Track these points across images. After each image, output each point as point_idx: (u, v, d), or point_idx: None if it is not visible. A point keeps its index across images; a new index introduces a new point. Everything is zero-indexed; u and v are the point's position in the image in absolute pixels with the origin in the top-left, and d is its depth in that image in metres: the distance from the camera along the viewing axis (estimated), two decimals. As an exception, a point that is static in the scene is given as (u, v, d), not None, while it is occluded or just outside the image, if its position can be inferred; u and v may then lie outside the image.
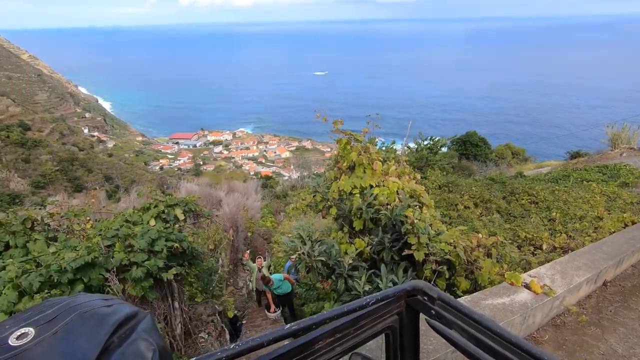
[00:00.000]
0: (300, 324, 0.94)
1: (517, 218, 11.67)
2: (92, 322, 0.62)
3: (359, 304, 1.07)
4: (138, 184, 46.40)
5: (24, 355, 0.56)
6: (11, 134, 55.91)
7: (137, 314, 0.66)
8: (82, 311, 0.64)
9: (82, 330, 0.61)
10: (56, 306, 0.65)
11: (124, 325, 0.63)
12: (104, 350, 0.59)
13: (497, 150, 31.40)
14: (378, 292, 1.14)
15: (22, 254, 4.19)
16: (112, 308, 0.66)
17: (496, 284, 4.81)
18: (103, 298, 0.70)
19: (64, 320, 0.62)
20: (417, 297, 1.23)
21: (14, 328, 0.61)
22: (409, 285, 1.22)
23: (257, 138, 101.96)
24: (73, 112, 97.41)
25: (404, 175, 6.03)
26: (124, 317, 0.64)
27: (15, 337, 0.59)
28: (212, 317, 5.68)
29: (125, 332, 0.62)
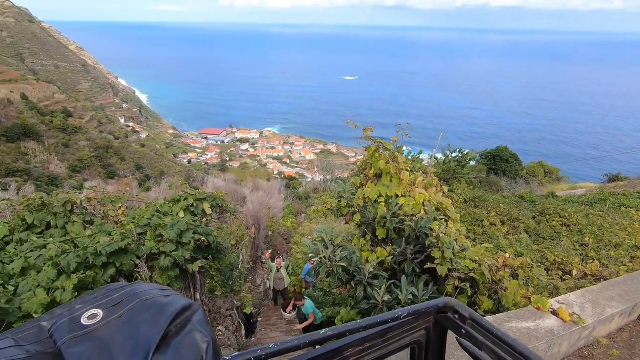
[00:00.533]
0: (334, 331, 0.97)
1: (546, 240, 11.21)
2: (153, 310, 0.67)
3: (391, 316, 1.08)
4: (167, 175, 48.02)
5: (94, 335, 0.62)
6: (55, 120, 59.29)
7: (192, 306, 0.71)
8: (144, 298, 0.69)
9: (144, 317, 0.66)
10: (121, 291, 0.71)
11: (181, 315, 0.68)
12: (163, 337, 0.64)
13: (528, 167, 30.28)
14: (410, 306, 1.14)
15: (61, 234, 4.45)
16: (170, 299, 0.71)
17: (521, 306, 4.65)
18: (160, 288, 0.75)
19: (128, 305, 0.68)
20: (448, 314, 1.23)
21: (85, 308, 0.67)
22: (440, 301, 1.22)
23: (283, 138, 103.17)
24: (112, 102, 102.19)
25: (431, 187, 5.94)
26: (180, 308, 0.69)
27: (87, 317, 0.65)
28: (231, 312, 5.80)
29: (181, 322, 0.67)
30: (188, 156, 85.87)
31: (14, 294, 3.28)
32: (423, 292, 4.60)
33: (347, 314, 5.91)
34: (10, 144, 48.72)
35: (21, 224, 4.30)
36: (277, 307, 9.40)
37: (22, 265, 3.57)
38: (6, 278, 3.47)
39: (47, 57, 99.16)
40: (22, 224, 4.31)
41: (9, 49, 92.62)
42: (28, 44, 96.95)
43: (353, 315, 5.85)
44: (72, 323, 0.63)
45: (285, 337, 7.06)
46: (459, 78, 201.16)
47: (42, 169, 48.62)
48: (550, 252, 9.51)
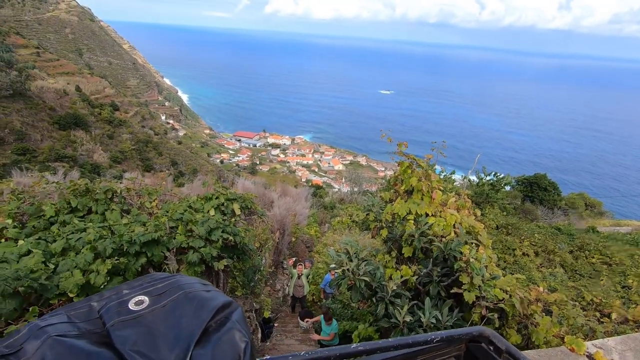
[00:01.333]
0: (366, 346, 0.95)
1: (583, 277, 10.51)
2: (195, 303, 0.69)
3: (424, 339, 1.05)
4: (200, 173, 49.61)
5: (140, 320, 0.64)
6: (103, 112, 63.15)
7: (232, 304, 0.72)
8: (187, 291, 0.71)
9: (186, 309, 0.67)
10: (166, 282, 0.74)
11: (221, 311, 0.69)
12: (204, 331, 0.65)
13: (568, 198, 28.68)
14: (443, 331, 1.10)
15: (100, 220, 4.69)
16: (211, 294, 0.73)
17: (552, 345, 4.36)
18: (202, 283, 0.77)
19: (171, 296, 0.70)
20: (482, 344, 1.17)
21: (133, 294, 0.69)
22: (475, 330, 1.16)
23: (313, 147, 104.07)
24: (156, 99, 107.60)
25: (463, 209, 5.75)
26: (221, 304, 0.70)
27: (134, 303, 0.67)
28: (249, 314, 5.84)
29: (221, 319, 0.68)
30: (221, 156, 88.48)
31: (53, 272, 3.48)
32: (447, 318, 4.42)
33: (365, 330, 5.79)
34: (61, 132, 52.28)
35: (66, 207, 4.57)
36: (294, 314, 9.37)
37: (63, 245, 3.79)
38: (48, 256, 3.69)
39: (102, 53, 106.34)
40: (66, 207, 4.58)
41: (70, 44, 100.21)
42: (87, 41, 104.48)
43: (371, 332, 5.72)
44: (120, 307, 0.66)
45: (300, 346, 7.00)
46: (497, 100, 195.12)
47: (87, 157, 51.72)
48: (588, 291, 8.89)
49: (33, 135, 48.28)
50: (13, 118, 47.32)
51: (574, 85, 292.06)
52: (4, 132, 45.42)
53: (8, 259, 3.56)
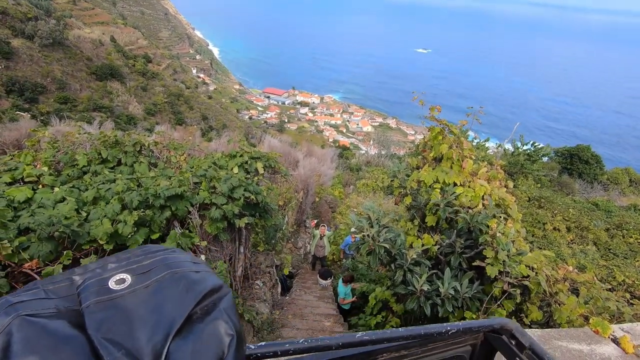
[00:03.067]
0: (372, 336, 0.88)
1: (617, 257, 10.04)
2: (181, 286, 0.62)
3: (437, 330, 0.96)
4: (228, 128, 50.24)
5: (118, 302, 0.58)
6: (137, 64, 64.03)
7: (221, 288, 0.65)
8: (174, 271, 0.64)
9: (171, 292, 0.61)
10: (153, 259, 0.67)
11: (209, 297, 0.62)
12: (187, 318, 0.58)
13: (610, 172, 26.78)
14: (461, 322, 1.01)
15: (129, 172, 4.83)
16: (200, 275, 0.66)
17: (575, 325, 4.23)
18: (193, 261, 0.70)
19: (157, 275, 0.63)
20: (502, 337, 1.08)
21: (115, 271, 0.63)
22: (496, 322, 1.07)
23: (342, 107, 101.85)
24: (187, 52, 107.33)
25: (494, 180, 5.46)
26: (209, 289, 0.63)
27: (115, 281, 0.61)
28: (270, 269, 6.04)
29: (208, 305, 0.61)
30: (249, 113, 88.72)
31: (85, 220, 3.66)
32: (466, 289, 4.36)
33: (382, 294, 5.87)
34: (98, 82, 53.83)
35: (97, 157, 4.73)
36: (314, 271, 9.67)
37: (94, 195, 3.94)
38: (81, 204, 3.87)
39: (135, 3, 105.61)
40: (97, 157, 4.73)
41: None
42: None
43: (387, 295, 5.79)
44: (99, 285, 0.60)
45: (317, 302, 7.27)
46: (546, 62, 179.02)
47: (123, 108, 53.40)
48: (620, 271, 8.52)
49: (73, 85, 50.07)
50: (54, 67, 49.00)
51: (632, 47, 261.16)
52: (47, 80, 47.33)
53: (45, 205, 3.76)
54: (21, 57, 46.38)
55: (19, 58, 46.07)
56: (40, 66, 47.58)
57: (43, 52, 48.95)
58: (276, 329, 5.27)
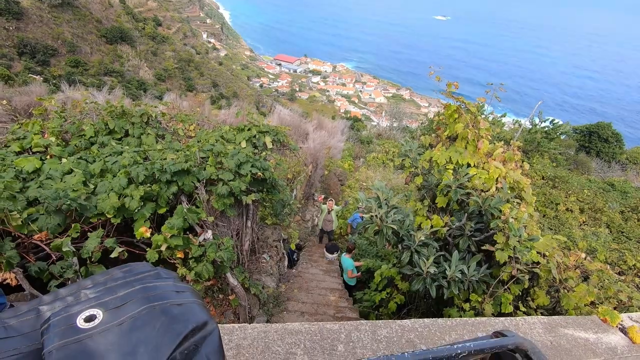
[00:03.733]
0: None
1: (631, 240, 9.85)
2: (159, 325, 0.55)
3: (446, 355, 0.89)
4: (238, 97, 49.62)
5: (86, 344, 0.51)
6: (147, 27, 62.68)
7: (206, 325, 0.57)
8: (152, 305, 0.57)
9: (147, 332, 0.53)
10: (130, 288, 0.59)
11: (190, 337, 0.55)
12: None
13: (630, 152, 25.85)
14: (472, 342, 0.94)
15: (137, 143, 4.78)
16: (183, 308, 0.58)
17: (583, 313, 4.19)
18: (176, 290, 0.62)
19: (132, 311, 0.56)
20: (515, 355, 1.01)
21: (86, 305, 0.56)
22: (510, 342, 0.99)
23: (355, 76, 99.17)
24: (197, 15, 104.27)
25: (510, 161, 5.25)
26: (191, 328, 0.55)
27: (84, 319, 0.53)
28: (277, 243, 6.08)
29: (189, 349, 0.54)
30: (260, 80, 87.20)
31: (92, 193, 3.65)
32: (474, 272, 4.32)
33: (388, 271, 5.89)
34: (109, 46, 53.11)
35: (104, 129, 4.67)
36: (321, 244, 9.76)
37: (101, 167, 3.92)
38: (88, 176, 3.86)
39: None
40: (104, 129, 4.68)
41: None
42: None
43: (393, 272, 5.81)
44: (66, 324, 0.53)
45: (323, 276, 7.38)
46: (571, 34, 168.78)
47: (133, 73, 52.95)
48: (632, 255, 8.37)
49: (83, 48, 49.55)
50: (64, 29, 48.33)
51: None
52: (57, 42, 46.87)
53: (53, 176, 3.76)
54: (31, 18, 45.76)
55: (28, 19, 45.47)
56: (50, 28, 46.98)
57: (52, 12, 48.15)
58: (282, 302, 5.37)
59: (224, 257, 3.79)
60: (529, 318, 3.66)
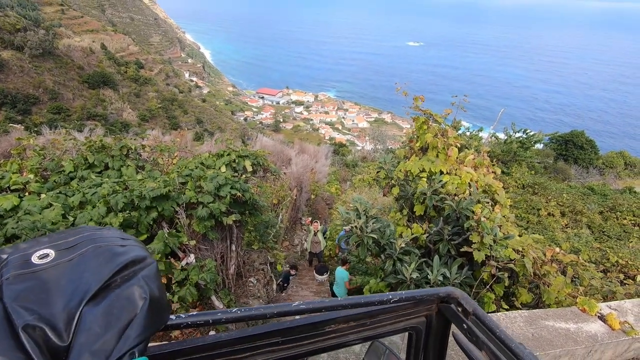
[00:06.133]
0: (309, 305, 0.91)
1: (611, 239, 10.12)
2: (102, 258, 0.65)
3: (379, 299, 1.00)
4: (223, 131, 50.14)
5: (39, 275, 0.61)
6: (129, 70, 63.74)
7: (145, 259, 0.68)
8: (98, 245, 0.67)
9: (92, 263, 0.64)
10: (79, 235, 0.70)
11: (129, 267, 0.65)
12: (104, 286, 0.61)
13: (605, 157, 26.93)
14: (406, 291, 1.04)
15: (117, 175, 4.85)
16: (125, 248, 0.69)
17: (564, 305, 4.29)
18: (122, 237, 0.72)
19: (80, 250, 0.66)
20: (451, 305, 1.12)
21: (41, 246, 0.66)
22: (443, 290, 1.10)
23: (337, 104, 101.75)
24: (178, 56, 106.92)
25: (481, 167, 5.50)
26: (130, 260, 0.66)
27: (38, 256, 0.64)
28: (264, 266, 6.07)
29: (128, 274, 0.64)
30: (244, 114, 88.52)
31: (72, 224, 3.68)
32: (456, 275, 4.40)
33: (376, 285, 5.91)
34: (91, 91, 53.59)
35: (83, 163, 4.74)
36: (311, 267, 9.69)
37: (80, 199, 3.96)
38: (67, 209, 3.89)
39: (124, 9, 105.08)
40: (84, 163, 4.75)
41: (92, 0, 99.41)
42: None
43: (382, 286, 5.83)
44: (22, 260, 0.63)
45: (314, 297, 7.31)
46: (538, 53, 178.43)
47: (117, 116, 53.18)
48: (614, 252, 8.58)
49: (65, 95, 49.84)
50: (45, 77, 48.75)
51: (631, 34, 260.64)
52: (39, 91, 47.11)
53: (31, 211, 3.78)
54: (12, 69, 46.13)
55: (9, 70, 45.83)
56: (31, 77, 47.34)
57: (34, 62, 48.70)
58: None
59: (207, 279, 3.81)
60: (509, 312, 3.74)
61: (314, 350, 1.00)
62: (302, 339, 0.97)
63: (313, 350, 1.00)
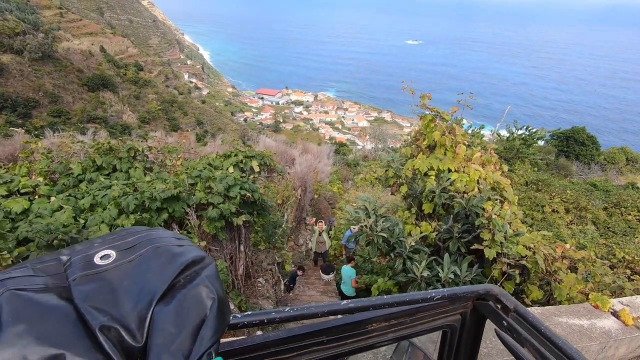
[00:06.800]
0: (357, 303, 0.91)
1: (617, 234, 10.10)
2: (163, 258, 0.65)
3: (422, 297, 0.99)
4: (224, 131, 50.18)
5: (104, 275, 0.61)
6: (128, 72, 63.76)
7: (204, 259, 0.68)
8: (156, 245, 0.67)
9: (153, 264, 0.63)
10: (137, 235, 0.69)
11: (191, 267, 0.65)
12: (170, 287, 0.61)
13: (607, 152, 26.89)
14: (446, 289, 1.04)
15: (125, 177, 4.84)
16: (183, 249, 0.68)
17: (575, 302, 4.28)
18: (176, 237, 0.72)
19: (140, 251, 0.66)
20: (489, 302, 1.11)
21: (101, 247, 0.66)
22: (482, 287, 1.10)
23: (337, 103, 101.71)
24: (177, 58, 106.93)
25: (488, 164, 5.49)
26: (191, 260, 0.66)
27: (100, 257, 0.63)
28: (271, 266, 6.07)
29: (190, 274, 0.64)
30: (244, 115, 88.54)
31: (83, 226, 3.67)
32: (466, 273, 4.40)
33: (384, 284, 5.90)
34: (91, 93, 53.59)
35: (92, 165, 4.74)
36: (316, 267, 9.69)
37: (91, 202, 3.96)
38: (78, 212, 3.89)
39: (123, 11, 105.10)
40: (92, 165, 4.75)
41: (91, 2, 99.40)
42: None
43: (390, 285, 5.83)
44: (85, 261, 0.63)
45: (321, 297, 7.31)
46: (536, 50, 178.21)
47: (117, 118, 53.19)
48: (620, 248, 8.58)
49: (65, 98, 49.86)
50: (45, 81, 48.77)
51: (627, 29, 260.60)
52: (39, 94, 47.13)
53: (42, 214, 3.78)
54: (11, 73, 46.15)
55: (9, 74, 45.84)
56: (31, 81, 47.36)
57: (33, 66, 48.70)
58: (280, 325, 5.30)
59: (218, 279, 3.80)
60: (523, 310, 3.73)
61: (356, 349, 1.00)
62: (345, 337, 0.96)
63: (355, 349, 1.00)
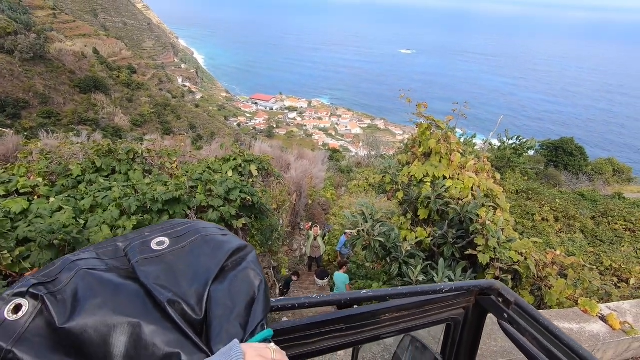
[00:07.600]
0: (376, 293, 0.99)
1: (604, 243, 10.35)
2: (212, 245, 0.72)
3: (433, 288, 1.08)
4: (217, 136, 50.01)
5: (162, 259, 0.68)
6: (121, 75, 63.35)
7: (247, 247, 0.75)
8: (204, 234, 0.75)
9: (204, 250, 0.71)
10: (185, 225, 0.77)
11: (237, 253, 0.73)
12: (221, 269, 0.68)
13: (594, 163, 27.56)
14: (453, 282, 1.13)
15: (124, 179, 4.86)
16: (227, 237, 0.76)
17: (565, 307, 4.41)
18: (219, 228, 0.80)
19: (190, 238, 0.73)
20: (491, 297, 1.20)
21: (154, 235, 0.73)
22: (485, 282, 1.18)
23: (331, 110, 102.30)
24: (171, 61, 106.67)
25: (482, 172, 5.64)
26: (236, 247, 0.73)
27: (156, 243, 0.71)
28: (267, 270, 6.10)
29: (237, 259, 0.72)
30: (238, 120, 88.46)
31: (84, 227, 3.69)
32: (460, 278, 4.50)
33: (380, 288, 5.99)
34: (82, 95, 53.08)
35: (91, 167, 4.75)
36: (310, 272, 9.73)
37: (91, 203, 3.98)
38: (78, 212, 3.90)
39: (117, 14, 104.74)
40: (91, 167, 4.76)
41: (85, 4, 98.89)
42: (101, 0, 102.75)
43: (384, 290, 5.92)
44: (143, 246, 0.70)
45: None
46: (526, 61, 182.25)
47: (109, 120, 52.70)
48: (607, 257, 8.80)
49: (56, 99, 49.28)
50: (36, 81, 48.19)
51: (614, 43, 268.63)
52: (29, 95, 46.52)
53: (42, 215, 3.78)
54: (1, 73, 45.53)
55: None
56: (21, 81, 46.76)
57: (24, 66, 48.13)
58: (276, 328, 5.32)
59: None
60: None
61: (370, 338, 1.07)
62: (362, 326, 1.04)
63: (369, 338, 1.07)
